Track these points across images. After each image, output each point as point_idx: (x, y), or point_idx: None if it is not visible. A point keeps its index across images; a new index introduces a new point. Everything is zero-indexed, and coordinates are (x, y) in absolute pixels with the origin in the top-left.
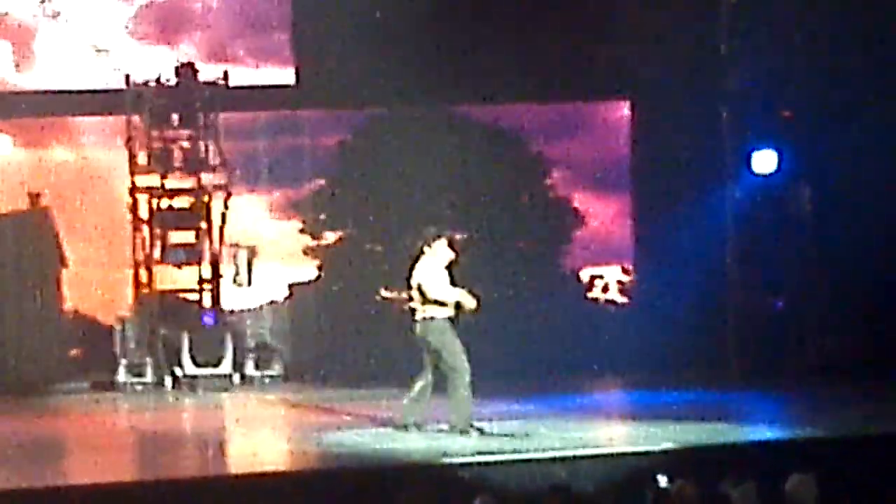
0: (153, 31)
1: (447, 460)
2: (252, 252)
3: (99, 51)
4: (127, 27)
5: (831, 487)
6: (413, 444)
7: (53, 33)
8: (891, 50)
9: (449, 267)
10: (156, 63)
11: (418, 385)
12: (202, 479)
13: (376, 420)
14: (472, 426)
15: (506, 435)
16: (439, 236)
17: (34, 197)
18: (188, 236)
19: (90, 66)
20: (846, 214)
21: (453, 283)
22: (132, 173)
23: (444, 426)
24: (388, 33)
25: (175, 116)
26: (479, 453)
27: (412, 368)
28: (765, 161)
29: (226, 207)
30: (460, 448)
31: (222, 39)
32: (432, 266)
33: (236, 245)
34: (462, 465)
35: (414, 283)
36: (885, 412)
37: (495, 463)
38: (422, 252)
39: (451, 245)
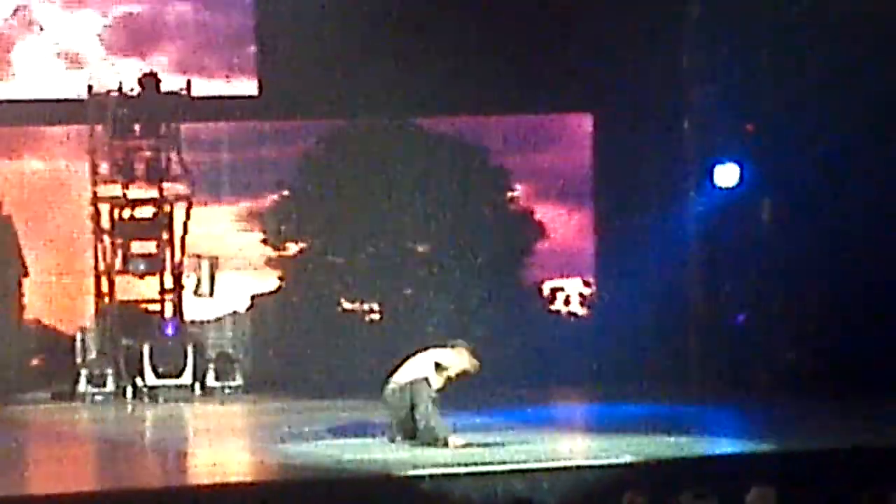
0: (119, 42)
1: (411, 472)
2: (214, 263)
3: (64, 61)
4: (94, 38)
5: (792, 501)
6: (378, 455)
7: (21, 43)
8: (854, 64)
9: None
10: (118, 73)
11: None
12: (163, 490)
13: (339, 431)
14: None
15: (468, 446)
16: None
17: None
18: (150, 246)
19: (53, 75)
20: (808, 228)
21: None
22: (94, 183)
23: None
24: (351, 45)
25: (137, 126)
26: (442, 465)
27: (373, 379)
28: (727, 175)
29: (188, 218)
30: (425, 460)
31: (186, 51)
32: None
33: (198, 255)
34: (424, 477)
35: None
36: (845, 426)
37: (457, 475)
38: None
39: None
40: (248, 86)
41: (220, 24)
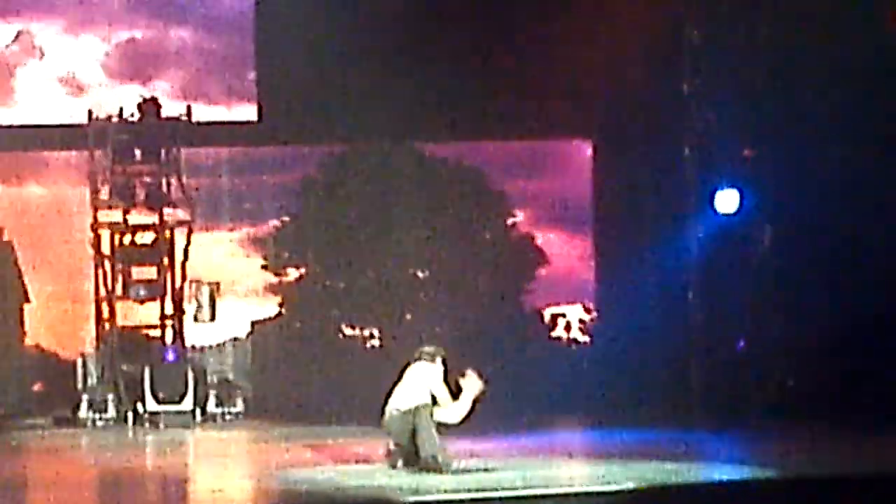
0: (120, 67)
1: (411, 499)
2: (215, 288)
3: (64, 86)
4: (95, 64)
5: None
6: (379, 481)
7: (22, 69)
8: (854, 90)
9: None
10: (119, 99)
11: None
12: None
13: (339, 457)
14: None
15: (468, 472)
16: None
17: None
18: (150, 272)
19: (54, 101)
20: (808, 254)
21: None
22: (94, 208)
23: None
24: (351, 71)
25: (138, 152)
26: (442, 492)
27: (372, 405)
28: (727, 200)
29: (188, 243)
30: (426, 486)
31: (186, 76)
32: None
33: (198, 281)
34: (424, 503)
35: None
36: (844, 453)
37: (459, 501)
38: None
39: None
40: (248, 111)
41: (221, 50)
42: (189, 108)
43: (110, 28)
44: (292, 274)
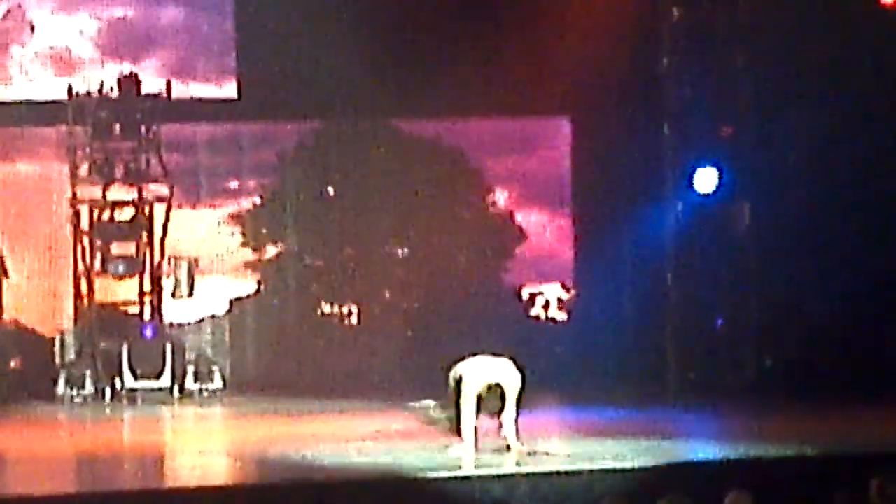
0: (99, 45)
1: (388, 475)
2: (193, 264)
3: (44, 63)
4: (74, 41)
5: None
6: (357, 458)
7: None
8: (832, 69)
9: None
10: (99, 76)
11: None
12: (140, 493)
13: (317, 433)
14: None
15: (446, 450)
16: None
17: None
18: (129, 248)
19: (33, 78)
20: (787, 233)
21: None
22: (73, 184)
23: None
24: (331, 48)
25: (117, 128)
26: (419, 469)
27: (350, 381)
28: (706, 179)
29: (167, 220)
30: (406, 464)
31: (166, 53)
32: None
33: (177, 257)
34: (404, 480)
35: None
36: (822, 431)
37: (434, 479)
38: None
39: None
40: (227, 88)
41: (201, 27)
42: (169, 84)
43: (90, 6)
44: (271, 251)
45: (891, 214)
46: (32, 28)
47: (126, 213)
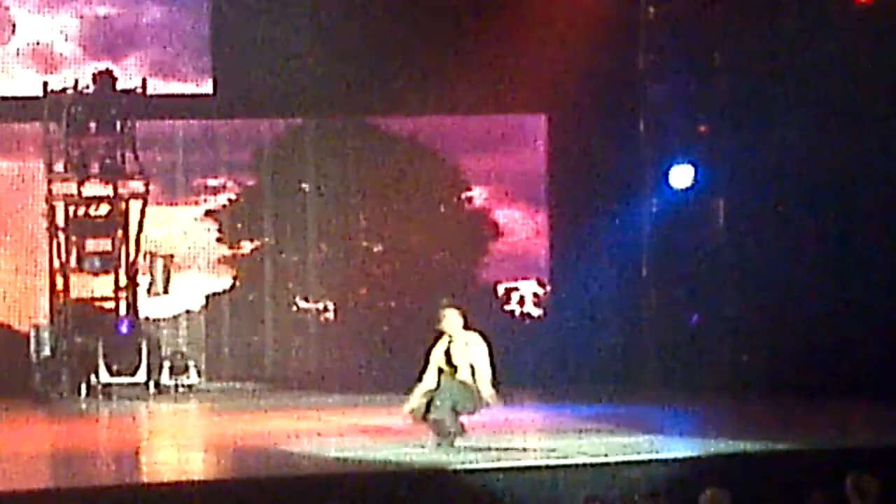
0: (75, 42)
1: (356, 469)
2: (168, 261)
3: (19, 60)
4: (51, 38)
5: (746, 503)
6: (333, 453)
7: None
8: (808, 65)
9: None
10: (74, 72)
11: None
12: (116, 488)
13: (292, 428)
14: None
15: (421, 447)
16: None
17: None
18: (105, 244)
19: (8, 74)
20: (762, 229)
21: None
22: (49, 181)
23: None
24: (306, 44)
25: (93, 124)
26: (394, 465)
27: (327, 377)
28: (682, 176)
29: (143, 216)
30: (382, 458)
31: (142, 50)
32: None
33: (153, 253)
34: (375, 474)
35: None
36: (797, 428)
37: (411, 473)
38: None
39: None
40: (204, 86)
41: (177, 24)
42: (144, 80)
43: (67, 4)
44: (246, 247)
45: (865, 210)
46: (14, 26)
47: (102, 210)
